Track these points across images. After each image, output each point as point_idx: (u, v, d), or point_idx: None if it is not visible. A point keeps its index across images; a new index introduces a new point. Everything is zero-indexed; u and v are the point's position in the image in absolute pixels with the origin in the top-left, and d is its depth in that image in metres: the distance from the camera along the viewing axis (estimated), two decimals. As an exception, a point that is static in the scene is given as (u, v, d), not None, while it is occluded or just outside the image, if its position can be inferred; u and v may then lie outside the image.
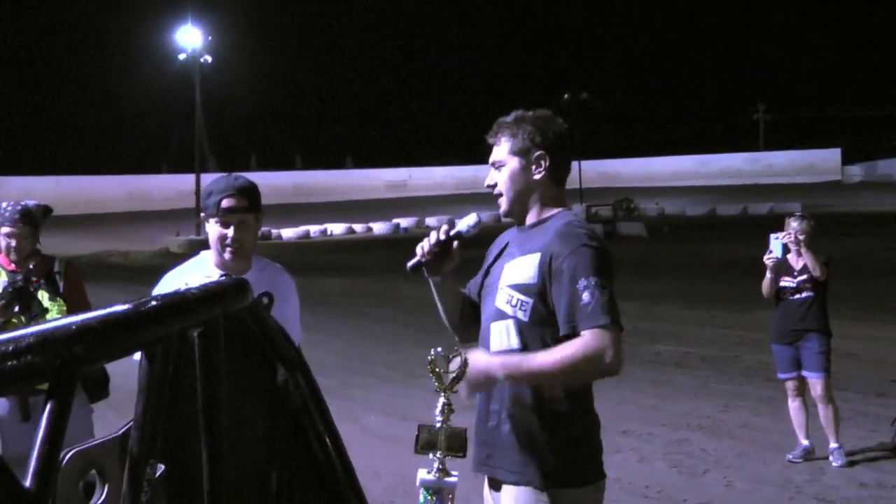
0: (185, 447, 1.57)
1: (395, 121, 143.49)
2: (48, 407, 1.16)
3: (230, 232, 3.82)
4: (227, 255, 3.84)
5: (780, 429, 8.37)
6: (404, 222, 50.83)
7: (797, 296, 7.77)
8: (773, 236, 7.79)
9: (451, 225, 3.52)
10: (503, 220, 3.45)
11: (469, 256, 3.54)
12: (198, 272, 3.82)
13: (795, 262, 7.78)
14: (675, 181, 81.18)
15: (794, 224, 7.80)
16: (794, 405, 7.84)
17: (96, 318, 1.25)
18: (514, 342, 3.22)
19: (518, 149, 3.33)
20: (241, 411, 1.66)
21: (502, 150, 3.36)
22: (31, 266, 5.29)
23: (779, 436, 8.27)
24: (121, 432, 1.52)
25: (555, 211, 3.34)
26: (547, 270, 3.17)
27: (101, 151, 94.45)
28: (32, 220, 5.45)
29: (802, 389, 7.80)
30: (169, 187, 70.05)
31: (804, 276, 7.73)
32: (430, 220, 50.91)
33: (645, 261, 27.64)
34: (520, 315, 3.22)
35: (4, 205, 5.47)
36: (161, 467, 1.51)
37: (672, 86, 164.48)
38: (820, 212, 32.00)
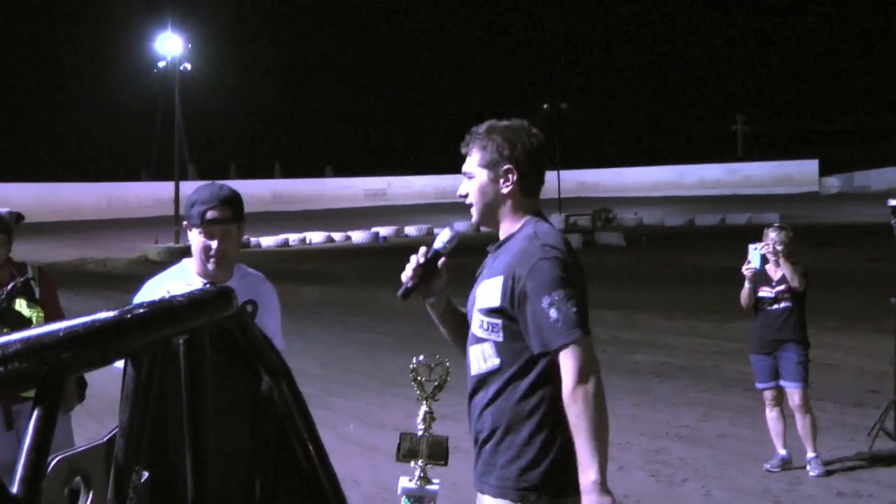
0: (170, 454, 1.57)
1: (374, 130, 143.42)
2: (35, 413, 1.16)
3: (214, 243, 3.82)
4: (210, 266, 3.85)
5: (758, 438, 8.41)
6: (384, 231, 50.62)
7: (775, 306, 7.81)
8: (751, 247, 7.82)
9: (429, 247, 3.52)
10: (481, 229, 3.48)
11: (473, 263, 3.55)
12: (179, 280, 3.82)
13: (774, 272, 7.82)
14: (654, 191, 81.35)
15: (772, 234, 7.84)
16: (771, 415, 7.87)
17: (83, 324, 1.25)
18: (495, 362, 3.24)
19: (487, 161, 3.34)
20: (225, 419, 1.66)
21: (473, 161, 3.38)
22: (18, 284, 5.23)
23: (757, 445, 8.30)
24: (106, 439, 1.52)
25: (524, 221, 3.35)
26: (510, 293, 3.20)
27: (80, 158, 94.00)
28: (6, 228, 5.39)
29: (780, 399, 7.83)
30: (147, 195, 69.71)
31: (782, 287, 7.77)
32: (410, 230, 50.83)
33: (623, 270, 27.70)
34: (494, 337, 3.25)
35: None
36: (146, 474, 1.51)
37: (651, 96, 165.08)
38: (798, 223, 32.14)
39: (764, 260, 7.78)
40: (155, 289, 3.83)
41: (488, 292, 3.27)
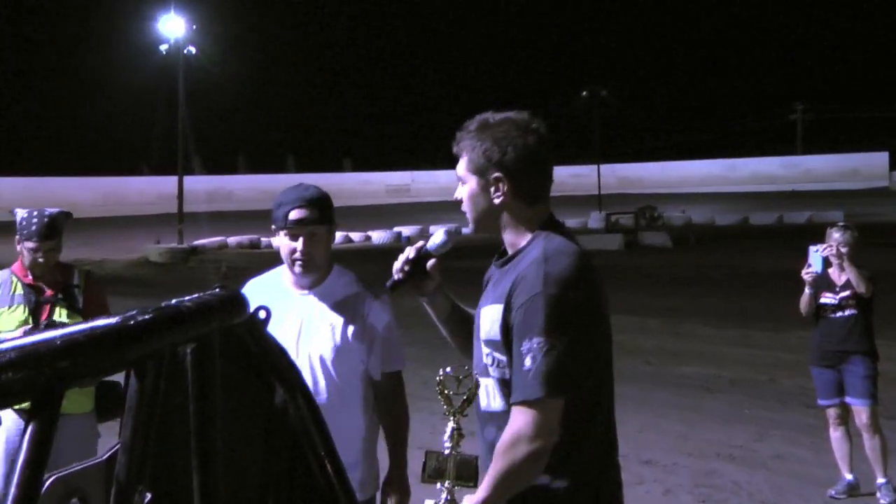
0: (176, 472, 1.57)
1: (397, 120, 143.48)
2: (30, 429, 1.16)
3: (299, 245, 3.98)
4: (296, 270, 4.02)
5: (820, 461, 8.36)
6: (406, 230, 50.50)
7: (839, 314, 7.75)
8: (812, 249, 7.77)
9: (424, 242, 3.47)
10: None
11: (473, 267, 3.53)
12: (271, 287, 4.05)
13: (837, 276, 7.76)
14: (703, 187, 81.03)
15: (835, 235, 7.78)
16: (836, 435, 7.81)
17: (83, 331, 1.25)
18: (499, 404, 3.15)
19: (476, 167, 3.19)
20: (236, 434, 1.66)
21: (462, 165, 3.23)
22: (59, 296, 5.36)
23: (819, 468, 8.25)
24: (106, 457, 1.53)
25: (530, 236, 3.19)
26: (506, 325, 3.08)
27: (75, 150, 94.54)
28: (59, 232, 5.45)
29: (846, 417, 7.77)
30: (149, 190, 70.11)
31: (847, 293, 7.71)
32: (434, 228, 50.77)
33: (669, 274, 27.64)
34: (497, 374, 3.14)
35: (25, 214, 5.43)
36: (149, 495, 1.51)
37: (700, 82, 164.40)
38: (865, 221, 31.96)
39: (826, 263, 7.72)
40: (250, 294, 3.90)
41: (489, 321, 3.15)
